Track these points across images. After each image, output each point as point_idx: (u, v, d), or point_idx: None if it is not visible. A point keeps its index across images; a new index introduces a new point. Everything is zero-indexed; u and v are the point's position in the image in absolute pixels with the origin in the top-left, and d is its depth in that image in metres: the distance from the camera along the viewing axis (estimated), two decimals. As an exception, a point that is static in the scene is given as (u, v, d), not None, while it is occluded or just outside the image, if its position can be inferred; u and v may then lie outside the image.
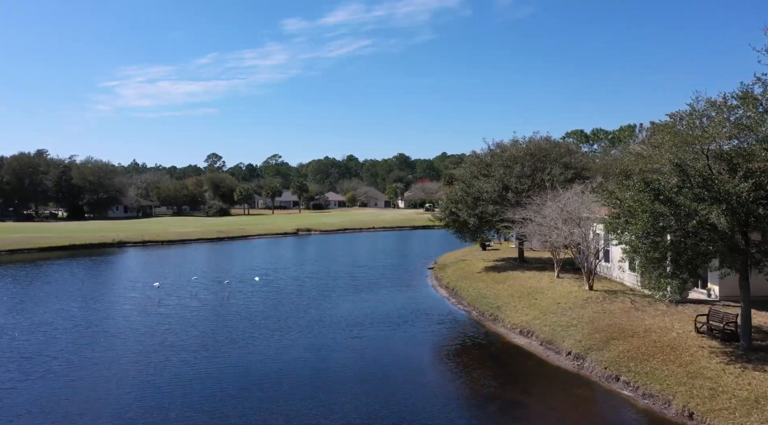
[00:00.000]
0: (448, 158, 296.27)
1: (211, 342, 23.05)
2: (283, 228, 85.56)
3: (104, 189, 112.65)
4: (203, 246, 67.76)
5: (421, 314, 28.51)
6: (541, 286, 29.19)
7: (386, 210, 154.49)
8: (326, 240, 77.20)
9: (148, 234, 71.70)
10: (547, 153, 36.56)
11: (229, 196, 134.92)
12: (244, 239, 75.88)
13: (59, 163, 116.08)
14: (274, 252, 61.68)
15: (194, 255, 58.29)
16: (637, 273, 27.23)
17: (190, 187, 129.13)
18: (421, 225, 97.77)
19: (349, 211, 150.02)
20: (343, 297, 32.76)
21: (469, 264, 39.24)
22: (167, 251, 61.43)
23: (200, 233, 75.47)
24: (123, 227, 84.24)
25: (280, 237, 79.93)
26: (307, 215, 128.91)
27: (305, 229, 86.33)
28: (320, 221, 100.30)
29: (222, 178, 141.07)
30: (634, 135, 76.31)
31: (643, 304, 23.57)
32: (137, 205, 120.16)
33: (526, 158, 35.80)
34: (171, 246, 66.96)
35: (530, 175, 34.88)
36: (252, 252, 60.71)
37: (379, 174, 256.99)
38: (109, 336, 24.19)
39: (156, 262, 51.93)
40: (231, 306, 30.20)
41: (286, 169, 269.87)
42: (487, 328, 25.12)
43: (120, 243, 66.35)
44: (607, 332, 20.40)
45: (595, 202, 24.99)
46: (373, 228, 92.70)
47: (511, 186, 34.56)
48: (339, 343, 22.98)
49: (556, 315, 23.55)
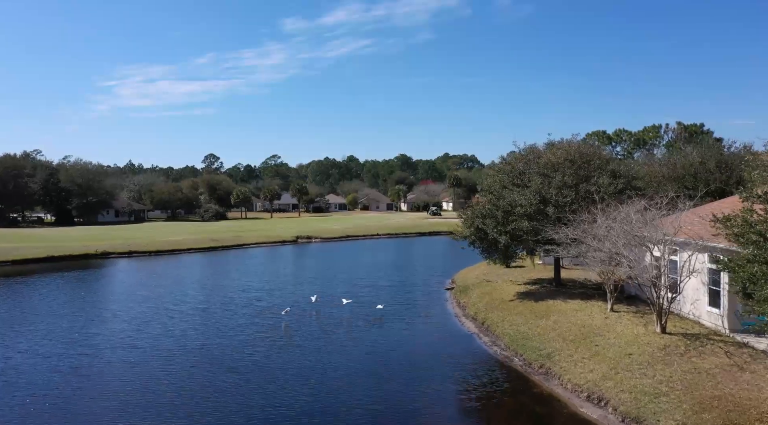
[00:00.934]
0: (450, 159, 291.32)
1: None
2: (281, 235, 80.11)
3: (94, 192, 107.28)
4: (195, 257, 62.35)
5: (447, 359, 23.12)
6: (595, 325, 23.76)
7: (389, 213, 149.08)
8: (327, 249, 71.81)
9: (135, 243, 66.23)
10: (589, 159, 31.13)
11: (226, 198, 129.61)
12: (239, 248, 70.47)
13: (47, 165, 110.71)
14: (271, 264, 56.22)
15: (185, 267, 52.76)
16: (721, 311, 21.83)
17: (185, 189, 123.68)
18: (427, 231, 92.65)
19: (351, 214, 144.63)
20: (348, 333, 27.32)
21: (496, 288, 33.79)
22: (155, 263, 55.93)
23: (192, 242, 70.00)
24: (110, 234, 78.82)
25: (278, 245, 74.49)
26: (306, 219, 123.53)
27: (305, 237, 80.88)
28: (321, 227, 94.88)
29: (218, 180, 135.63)
30: (659, 136, 71.06)
31: (744, 359, 18.16)
32: (129, 209, 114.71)
33: (566, 165, 30.35)
34: (159, 257, 61.54)
35: (573, 185, 29.44)
36: (246, 264, 55.28)
37: (380, 175, 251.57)
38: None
39: (147, 276, 46.43)
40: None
41: (285, 170, 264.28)
42: (539, 387, 19.67)
43: (104, 254, 60.86)
44: (719, 410, 14.96)
45: (718, 234, 19.46)
46: (377, 235, 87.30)
47: (550, 198, 29.12)
48: (348, 407, 17.54)
49: (633, 374, 18.12)
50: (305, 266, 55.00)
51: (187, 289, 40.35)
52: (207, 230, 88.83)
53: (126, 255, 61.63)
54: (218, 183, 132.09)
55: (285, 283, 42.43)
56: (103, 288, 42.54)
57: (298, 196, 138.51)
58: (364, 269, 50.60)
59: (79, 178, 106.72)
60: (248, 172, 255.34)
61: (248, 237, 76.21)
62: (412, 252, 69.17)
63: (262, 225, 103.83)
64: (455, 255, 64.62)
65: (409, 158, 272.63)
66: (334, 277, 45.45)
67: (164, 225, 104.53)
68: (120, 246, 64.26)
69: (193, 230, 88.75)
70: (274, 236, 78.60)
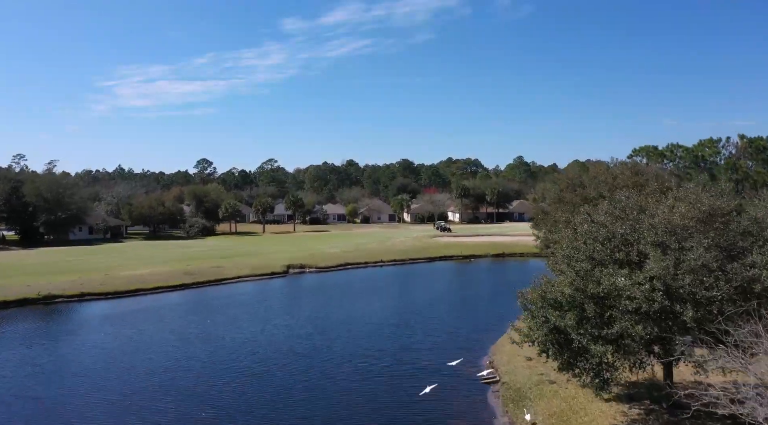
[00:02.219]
0: (453, 163, 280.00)
1: None
2: (269, 264, 68.69)
3: (63, 207, 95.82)
4: (162, 299, 51.00)
5: None
6: None
7: (391, 228, 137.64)
8: (323, 283, 60.60)
9: (90, 281, 54.83)
10: (727, 219, 19.80)
11: (214, 211, 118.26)
12: (219, 284, 59.10)
13: (9, 176, 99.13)
14: (247, 317, 44.54)
15: (142, 320, 41.00)
16: None
17: (167, 203, 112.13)
18: (437, 256, 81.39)
19: (351, 228, 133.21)
20: None
21: (571, 405, 22.45)
22: (106, 310, 44.40)
23: (161, 276, 58.54)
24: (70, 262, 67.51)
25: (266, 279, 63.07)
26: (300, 236, 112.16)
27: (298, 266, 69.48)
28: (316, 249, 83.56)
29: (206, 191, 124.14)
30: (717, 151, 59.82)
31: None
32: (104, 226, 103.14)
33: (698, 228, 19.03)
34: (118, 301, 50.21)
35: (717, 268, 18.12)
36: (225, 313, 43.72)
37: (381, 181, 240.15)
38: None
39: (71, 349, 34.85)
40: None
41: (281, 175, 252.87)
42: None
43: (48, 298, 49.47)
44: None
45: None
46: (381, 261, 75.91)
47: (683, 290, 17.81)
48: None
49: None
50: (296, 312, 43.46)
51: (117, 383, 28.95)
52: (186, 255, 77.50)
53: (76, 299, 50.24)
54: (206, 194, 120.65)
55: (269, 357, 31.03)
56: None
57: (293, 208, 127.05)
58: (361, 324, 39.16)
59: (47, 192, 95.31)
60: (243, 178, 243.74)
61: (230, 268, 64.76)
62: (421, 289, 57.86)
63: (251, 245, 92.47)
64: (479, 295, 53.29)
65: (411, 163, 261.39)
66: (328, 346, 34.06)
67: (141, 246, 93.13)
68: (71, 286, 52.85)
69: (170, 255, 77.40)
70: (261, 266, 67.14)
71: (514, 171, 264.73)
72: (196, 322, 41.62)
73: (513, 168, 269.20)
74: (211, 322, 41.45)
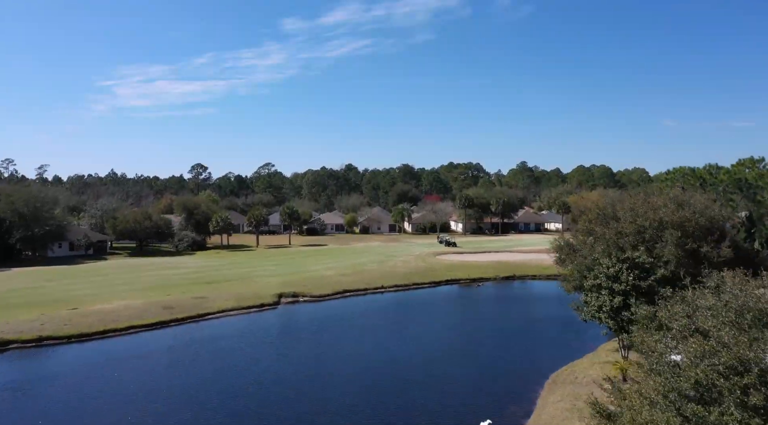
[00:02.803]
0: (455, 168, 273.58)
1: None
2: (259, 292, 62.33)
3: (41, 223, 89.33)
4: (133, 342, 44.57)
5: None
6: None
7: (392, 240, 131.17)
8: (318, 316, 54.44)
9: (52, 321, 48.33)
10: None
11: (205, 224, 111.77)
12: (200, 320, 52.71)
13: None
14: (230, 370, 37.96)
15: (99, 376, 34.60)
16: None
17: (154, 216, 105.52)
18: (443, 279, 75.03)
19: (349, 241, 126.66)
20: None
21: None
22: (63, 362, 37.93)
23: (135, 311, 52.04)
24: (35, 291, 61.00)
25: (255, 311, 56.67)
26: (297, 251, 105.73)
27: (290, 294, 63.08)
28: (311, 272, 77.16)
29: (196, 202, 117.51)
30: (761, 173, 53.26)
31: None
32: (86, 242, 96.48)
33: None
34: (82, 347, 43.83)
35: None
36: (198, 368, 37.11)
37: (381, 186, 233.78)
38: None
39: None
40: None
41: (279, 180, 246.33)
42: None
43: (2, 344, 43.06)
44: None
45: None
46: (382, 287, 69.49)
47: None
48: None
49: None
50: (289, 362, 37.04)
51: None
52: (169, 279, 71.08)
53: (33, 345, 43.78)
54: (196, 206, 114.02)
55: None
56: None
57: (288, 221, 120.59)
58: (359, 382, 32.75)
59: (23, 207, 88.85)
60: (239, 183, 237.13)
61: (214, 299, 58.29)
62: (429, 323, 51.41)
63: (242, 265, 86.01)
64: (498, 329, 44.33)
65: (411, 168, 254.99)
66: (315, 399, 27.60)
67: (123, 266, 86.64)
68: (29, 327, 46.34)
69: (151, 279, 70.99)
70: (249, 296, 60.66)
71: (517, 176, 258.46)
72: (167, 381, 35.09)
73: (516, 173, 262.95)
74: (182, 383, 34.92)
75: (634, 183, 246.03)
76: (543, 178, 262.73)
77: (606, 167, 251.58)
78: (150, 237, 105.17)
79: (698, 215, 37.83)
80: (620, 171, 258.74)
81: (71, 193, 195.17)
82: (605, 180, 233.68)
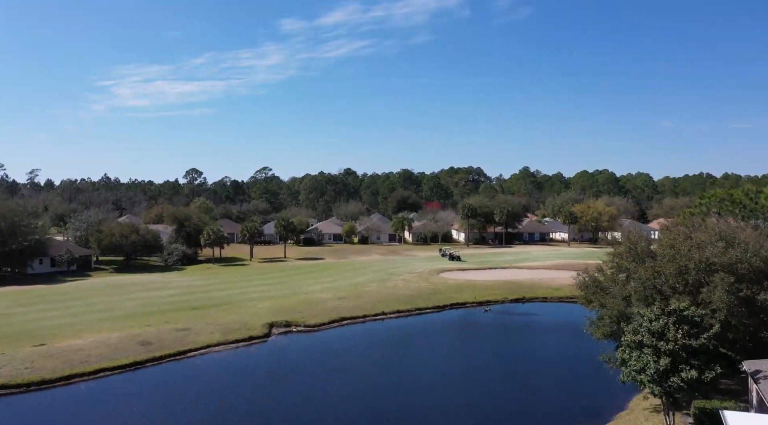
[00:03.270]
0: (456, 173, 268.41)
1: None
2: (249, 322, 57.04)
3: (19, 238, 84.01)
4: (100, 394, 39.11)
5: None
6: None
7: (392, 253, 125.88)
8: (313, 353, 49.07)
9: (10, 364, 42.95)
10: None
11: (196, 236, 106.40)
12: (182, 358, 47.34)
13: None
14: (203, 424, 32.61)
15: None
16: None
17: (141, 229, 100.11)
18: (448, 303, 69.79)
19: (347, 255, 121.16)
20: None
21: None
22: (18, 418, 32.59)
23: (108, 350, 46.63)
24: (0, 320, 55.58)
25: (243, 346, 51.35)
26: (292, 266, 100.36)
27: (282, 324, 57.83)
28: (306, 294, 71.85)
29: (187, 214, 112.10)
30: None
31: None
32: (69, 258, 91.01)
33: None
34: (43, 393, 38.52)
35: None
36: None
37: (380, 192, 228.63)
38: None
39: None
40: None
41: (276, 185, 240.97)
42: None
43: (-52, 393, 37.76)
44: None
45: None
46: (383, 313, 64.21)
47: None
48: None
49: None
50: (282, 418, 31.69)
51: None
52: (151, 304, 65.75)
53: (-13, 394, 38.48)
54: (187, 217, 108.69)
55: None
56: None
57: (284, 233, 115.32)
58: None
59: (0, 221, 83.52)
60: (235, 188, 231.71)
61: (198, 332, 52.92)
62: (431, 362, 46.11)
63: (232, 284, 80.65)
64: (508, 376, 43.68)
65: (411, 173, 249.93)
66: None
67: (105, 285, 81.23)
68: (-16, 371, 41.04)
69: (132, 303, 65.67)
70: (237, 327, 55.27)
71: (520, 182, 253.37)
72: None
73: (518, 179, 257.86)
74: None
75: (639, 189, 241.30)
76: (545, 183, 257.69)
77: (610, 172, 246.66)
78: (137, 251, 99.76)
79: (751, 255, 32.66)
80: (624, 176, 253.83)
81: (62, 199, 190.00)
82: (609, 185, 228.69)
